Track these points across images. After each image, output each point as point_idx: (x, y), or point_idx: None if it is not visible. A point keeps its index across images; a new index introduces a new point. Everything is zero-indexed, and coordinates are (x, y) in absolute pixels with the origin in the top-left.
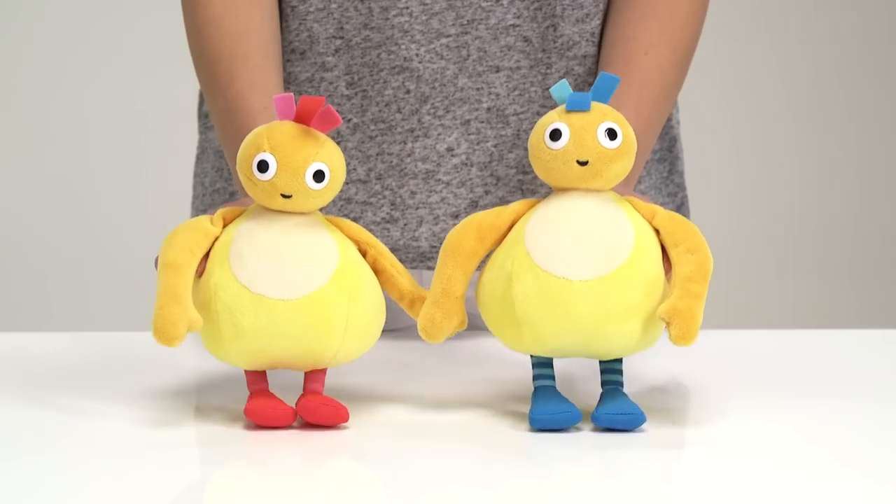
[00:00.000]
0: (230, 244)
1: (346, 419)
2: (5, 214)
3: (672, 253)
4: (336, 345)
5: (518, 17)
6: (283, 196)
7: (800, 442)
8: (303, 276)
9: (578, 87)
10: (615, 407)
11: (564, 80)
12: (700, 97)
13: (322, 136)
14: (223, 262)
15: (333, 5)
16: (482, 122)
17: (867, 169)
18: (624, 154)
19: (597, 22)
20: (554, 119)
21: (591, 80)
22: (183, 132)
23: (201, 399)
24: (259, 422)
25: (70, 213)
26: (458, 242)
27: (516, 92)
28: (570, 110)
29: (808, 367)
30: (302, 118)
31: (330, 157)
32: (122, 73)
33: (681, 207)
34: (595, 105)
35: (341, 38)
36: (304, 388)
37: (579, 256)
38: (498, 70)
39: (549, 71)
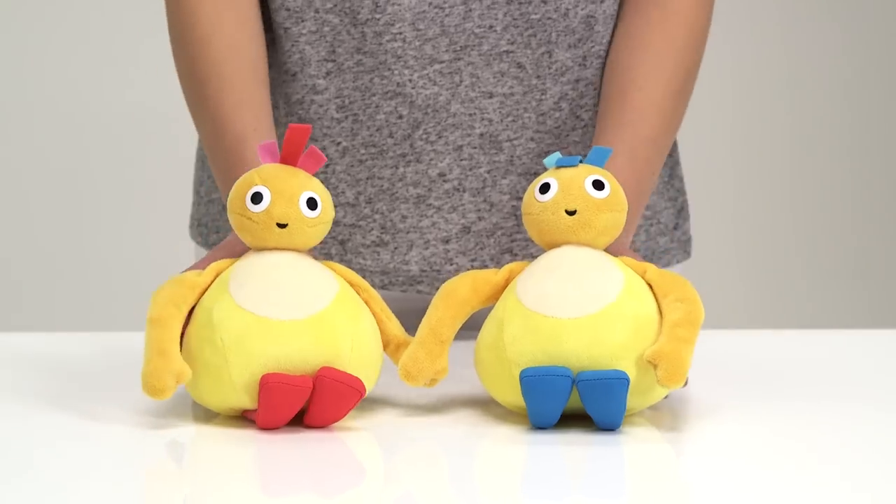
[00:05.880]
0: (228, 281)
1: (362, 391)
2: (5, 214)
3: (662, 304)
4: (344, 366)
5: (512, 44)
6: (279, 226)
7: (797, 444)
8: (307, 298)
9: (572, 111)
10: (601, 372)
11: (557, 153)
12: (698, 99)
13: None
14: (222, 295)
15: (326, 28)
16: (475, 147)
17: (866, 169)
18: (613, 206)
19: (589, 45)
20: (544, 177)
21: (582, 102)
22: (186, 130)
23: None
24: (274, 396)
25: (71, 213)
26: (452, 288)
27: (510, 118)
28: (558, 167)
29: (808, 368)
30: (288, 158)
31: (320, 188)
32: (122, 72)
33: (681, 212)
34: (584, 165)
35: (333, 61)
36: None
37: (568, 298)
38: (491, 96)
39: (543, 97)
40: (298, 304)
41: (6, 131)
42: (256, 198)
